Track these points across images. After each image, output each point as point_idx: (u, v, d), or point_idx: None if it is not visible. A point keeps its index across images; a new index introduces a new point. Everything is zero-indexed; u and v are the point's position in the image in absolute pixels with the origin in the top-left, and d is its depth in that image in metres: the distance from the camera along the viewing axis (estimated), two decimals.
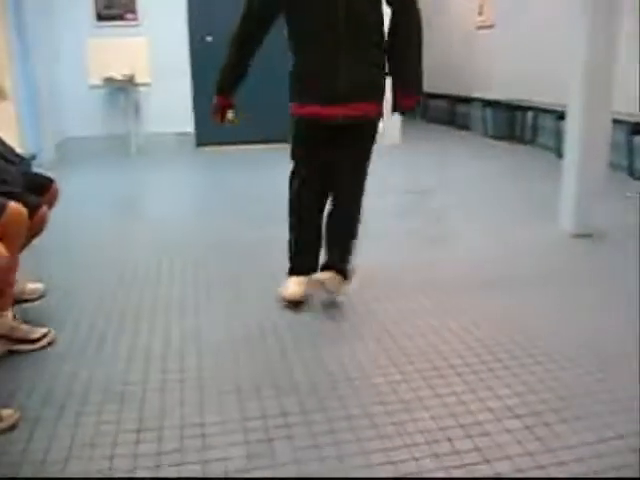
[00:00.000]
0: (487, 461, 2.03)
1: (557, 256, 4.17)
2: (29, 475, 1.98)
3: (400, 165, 7.49)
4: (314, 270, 3.33)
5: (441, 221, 4.94)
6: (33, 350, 2.79)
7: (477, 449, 2.10)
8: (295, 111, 3.17)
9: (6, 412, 2.24)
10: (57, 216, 3.34)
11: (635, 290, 3.47)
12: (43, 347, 2.83)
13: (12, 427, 2.22)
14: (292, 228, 3.36)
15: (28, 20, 7.24)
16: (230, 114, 3.29)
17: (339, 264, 3.28)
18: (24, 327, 2.86)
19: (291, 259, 3.40)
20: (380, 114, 3.17)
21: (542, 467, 2.00)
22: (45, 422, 2.27)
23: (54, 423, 2.27)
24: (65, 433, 2.21)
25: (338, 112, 3.03)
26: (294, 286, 3.31)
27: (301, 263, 3.37)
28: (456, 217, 5.06)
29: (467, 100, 10.39)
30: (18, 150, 3.37)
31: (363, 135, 3.20)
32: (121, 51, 8.35)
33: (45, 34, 7.80)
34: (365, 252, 3.46)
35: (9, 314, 2.83)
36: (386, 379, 2.56)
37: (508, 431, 2.20)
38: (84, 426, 2.25)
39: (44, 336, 2.86)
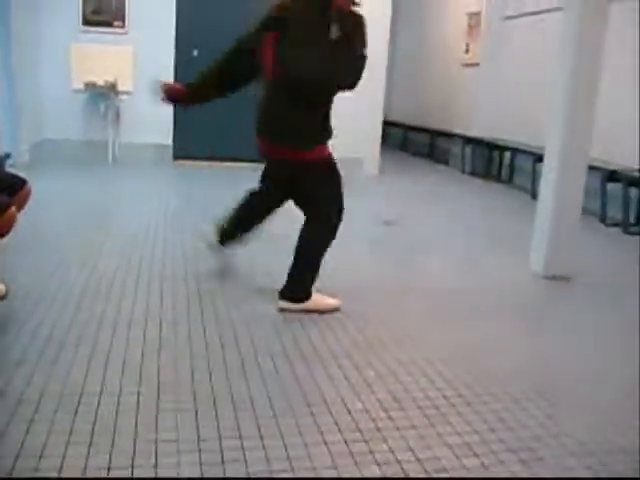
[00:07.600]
0: None
1: (526, 296, 4.20)
2: None
3: (375, 196, 7.52)
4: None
5: (412, 253, 4.95)
6: None
7: None
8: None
9: None
10: (26, 218, 3.28)
11: (599, 333, 3.50)
12: None
13: None
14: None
15: (12, 17, 7.16)
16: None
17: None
18: None
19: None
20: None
21: None
22: None
23: (4, 429, 2.20)
24: (14, 440, 2.14)
25: None
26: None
27: None
28: (427, 250, 5.08)
29: (448, 135, 10.50)
30: None
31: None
32: (106, 57, 8.31)
33: (29, 33, 7.74)
34: (335, 278, 3.44)
35: None
36: (346, 407, 2.54)
37: (465, 468, 2.18)
38: (34, 434, 2.19)
39: None
